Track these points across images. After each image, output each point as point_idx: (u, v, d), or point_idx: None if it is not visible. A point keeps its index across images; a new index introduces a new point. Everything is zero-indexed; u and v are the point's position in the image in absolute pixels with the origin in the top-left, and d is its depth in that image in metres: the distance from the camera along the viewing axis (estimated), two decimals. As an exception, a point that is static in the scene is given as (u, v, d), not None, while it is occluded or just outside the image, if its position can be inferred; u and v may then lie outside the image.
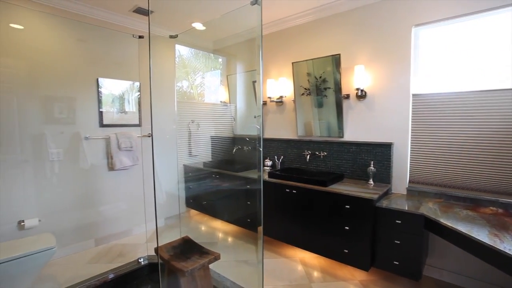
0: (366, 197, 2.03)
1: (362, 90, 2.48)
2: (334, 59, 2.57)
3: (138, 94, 3.11)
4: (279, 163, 3.16)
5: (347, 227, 2.14)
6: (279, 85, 3.12)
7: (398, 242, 1.95)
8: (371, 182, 2.40)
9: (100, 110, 2.80)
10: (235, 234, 3.16)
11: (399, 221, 1.93)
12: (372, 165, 2.42)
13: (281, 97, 3.14)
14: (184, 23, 3.14)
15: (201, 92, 4.01)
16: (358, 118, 2.59)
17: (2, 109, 2.21)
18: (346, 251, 2.15)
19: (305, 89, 2.87)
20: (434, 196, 2.20)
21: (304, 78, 2.86)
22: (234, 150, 3.72)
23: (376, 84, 2.45)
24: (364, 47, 2.50)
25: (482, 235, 1.48)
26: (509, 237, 1.45)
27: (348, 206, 2.12)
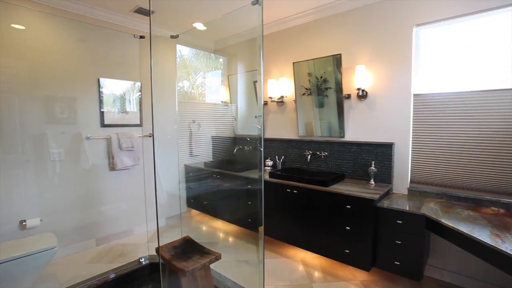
0: (367, 197, 2.03)
1: (363, 90, 2.47)
2: (335, 59, 2.57)
3: (139, 94, 3.11)
4: (280, 163, 3.16)
5: (348, 227, 2.14)
6: (280, 85, 3.12)
7: (399, 242, 1.94)
8: (372, 182, 2.40)
9: (101, 110, 2.80)
10: (236, 234, 3.16)
11: (400, 221, 1.93)
12: (373, 165, 2.41)
13: (282, 97, 3.14)
14: (185, 23, 3.15)
15: (202, 92, 4.01)
16: (359, 118, 2.59)
17: (4, 109, 2.22)
18: (347, 251, 2.15)
19: (306, 89, 2.87)
20: (435, 196, 2.19)
21: (305, 78, 2.86)
22: (235, 150, 3.73)
23: (377, 84, 2.45)
24: (365, 47, 2.49)
25: (483, 235, 1.48)
26: (511, 237, 1.44)
27: (349, 206, 2.12)
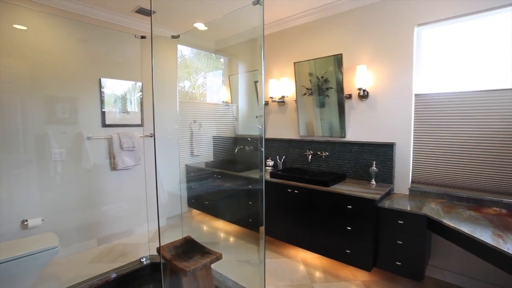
0: (368, 197, 2.03)
1: (364, 90, 2.47)
2: (336, 59, 2.57)
3: (140, 94, 3.12)
4: (281, 163, 3.16)
5: (349, 227, 2.13)
6: (281, 85, 3.12)
7: (401, 242, 1.94)
8: (373, 182, 2.40)
9: (103, 110, 2.81)
10: (237, 234, 3.16)
11: (402, 222, 1.93)
12: (374, 165, 2.41)
13: (283, 97, 3.14)
14: (186, 23, 3.15)
15: (203, 92, 4.02)
16: (360, 118, 2.58)
17: (6, 109, 2.23)
18: (348, 251, 2.15)
19: (307, 89, 2.87)
20: (436, 196, 2.19)
21: (306, 78, 2.86)
22: (236, 150, 3.73)
23: (378, 84, 2.44)
24: (366, 47, 2.49)
25: (485, 235, 1.47)
26: (513, 237, 1.44)
27: (350, 206, 2.12)
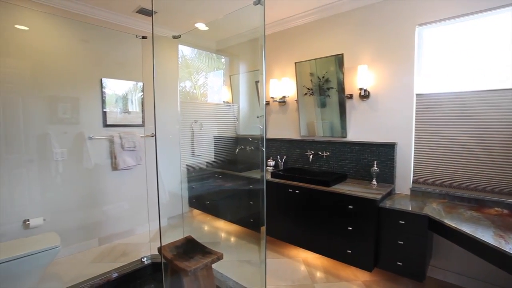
0: (369, 197, 2.02)
1: (365, 90, 2.47)
2: (337, 59, 2.57)
3: (141, 94, 3.12)
4: (282, 163, 3.16)
5: (350, 228, 2.13)
6: (282, 85, 3.12)
7: (402, 242, 1.94)
8: (375, 182, 2.39)
9: (104, 110, 2.82)
10: (238, 234, 3.16)
11: (403, 222, 1.93)
12: (375, 165, 2.41)
13: (284, 97, 3.14)
14: (187, 24, 3.15)
15: (204, 92, 4.02)
16: (361, 118, 2.58)
17: (7, 109, 2.24)
18: (349, 251, 2.14)
19: (308, 89, 2.87)
20: (438, 196, 2.18)
21: (307, 78, 2.86)
22: (237, 150, 3.73)
23: (380, 84, 2.44)
24: (367, 47, 2.49)
25: (487, 236, 1.47)
26: (515, 238, 1.44)
27: (351, 207, 2.11)
